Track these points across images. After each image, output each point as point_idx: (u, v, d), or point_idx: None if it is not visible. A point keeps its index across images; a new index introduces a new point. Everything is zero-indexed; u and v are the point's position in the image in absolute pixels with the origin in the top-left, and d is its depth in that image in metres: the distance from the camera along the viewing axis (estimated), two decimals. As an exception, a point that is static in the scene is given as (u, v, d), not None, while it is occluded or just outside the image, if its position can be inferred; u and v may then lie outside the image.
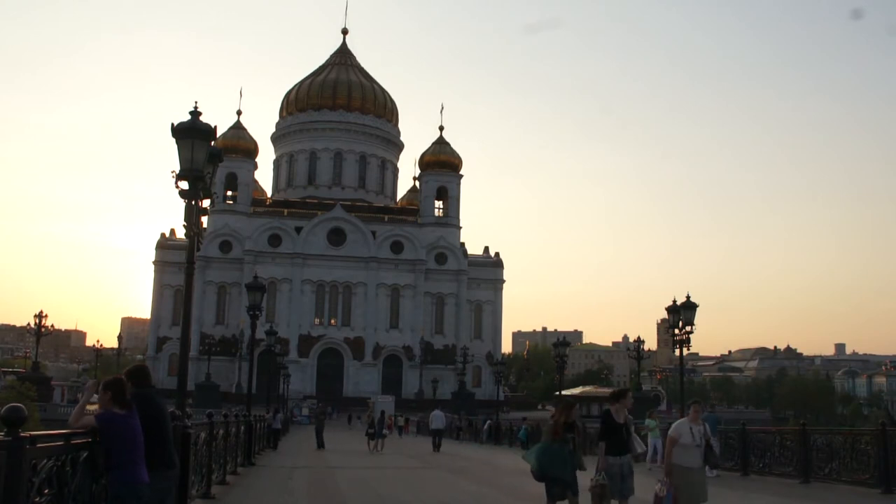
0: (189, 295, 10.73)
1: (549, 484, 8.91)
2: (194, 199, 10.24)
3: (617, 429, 8.85)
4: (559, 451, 8.85)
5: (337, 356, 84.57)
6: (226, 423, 14.73)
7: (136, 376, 6.32)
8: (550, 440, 8.98)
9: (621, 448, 8.83)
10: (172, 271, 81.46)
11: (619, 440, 8.82)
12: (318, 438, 29.18)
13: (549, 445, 8.97)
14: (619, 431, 8.85)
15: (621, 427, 8.87)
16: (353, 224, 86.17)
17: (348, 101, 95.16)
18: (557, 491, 8.84)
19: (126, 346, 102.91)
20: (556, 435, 8.95)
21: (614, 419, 8.91)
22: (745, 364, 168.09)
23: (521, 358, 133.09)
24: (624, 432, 8.86)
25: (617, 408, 9.01)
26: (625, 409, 9.07)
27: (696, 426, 8.89)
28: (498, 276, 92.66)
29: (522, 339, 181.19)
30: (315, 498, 14.20)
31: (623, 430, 8.86)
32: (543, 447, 9.03)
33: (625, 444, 8.86)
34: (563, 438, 8.90)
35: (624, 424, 8.89)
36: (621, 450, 8.82)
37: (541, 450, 9.05)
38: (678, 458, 8.73)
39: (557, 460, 8.82)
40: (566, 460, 8.83)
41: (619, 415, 8.99)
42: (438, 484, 17.31)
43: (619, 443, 8.82)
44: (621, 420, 8.93)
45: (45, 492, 4.76)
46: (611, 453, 8.76)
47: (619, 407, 9.01)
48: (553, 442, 8.93)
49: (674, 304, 24.25)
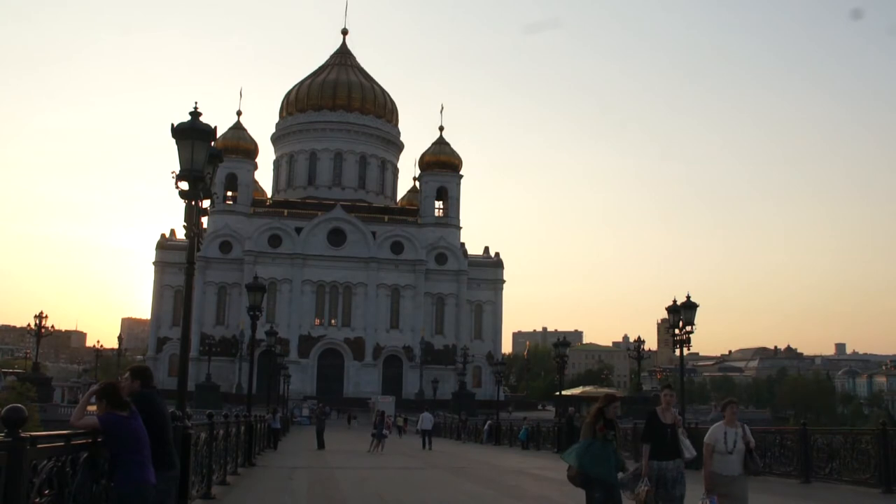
0: (189, 295, 10.73)
1: (591, 488, 7.92)
2: (194, 200, 10.24)
3: (663, 430, 8.05)
4: (603, 451, 7.88)
5: (337, 356, 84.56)
6: (226, 424, 14.73)
7: (143, 375, 6.36)
8: (591, 438, 7.96)
9: (668, 451, 8.00)
10: (173, 272, 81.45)
11: (666, 443, 8.01)
12: (318, 439, 29.18)
13: (590, 444, 7.94)
14: (665, 433, 8.03)
15: (667, 428, 8.06)
16: (353, 224, 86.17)
17: (348, 102, 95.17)
18: (600, 496, 7.81)
19: (126, 347, 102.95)
20: (600, 432, 7.94)
21: (660, 419, 8.15)
22: (746, 364, 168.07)
23: (521, 358, 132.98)
24: (671, 434, 8.05)
25: (663, 407, 8.26)
26: (671, 407, 8.31)
27: (731, 429, 8.02)
28: (498, 276, 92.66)
29: (522, 339, 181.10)
30: (315, 498, 14.20)
31: (669, 432, 8.05)
32: (585, 446, 8.00)
33: (673, 448, 8.03)
34: (605, 436, 7.94)
35: (671, 425, 8.10)
36: (668, 453, 8.00)
37: (582, 449, 8.01)
38: (716, 467, 7.94)
39: (601, 461, 7.84)
40: (610, 461, 7.90)
41: (665, 414, 8.19)
42: (439, 484, 17.31)
43: (666, 446, 8.00)
44: (668, 420, 8.13)
45: (46, 492, 4.76)
46: (657, 457, 7.99)
47: (666, 406, 8.26)
48: (595, 440, 7.93)
49: (674, 304, 24.28)
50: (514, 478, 18.73)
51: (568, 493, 15.25)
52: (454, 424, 51.03)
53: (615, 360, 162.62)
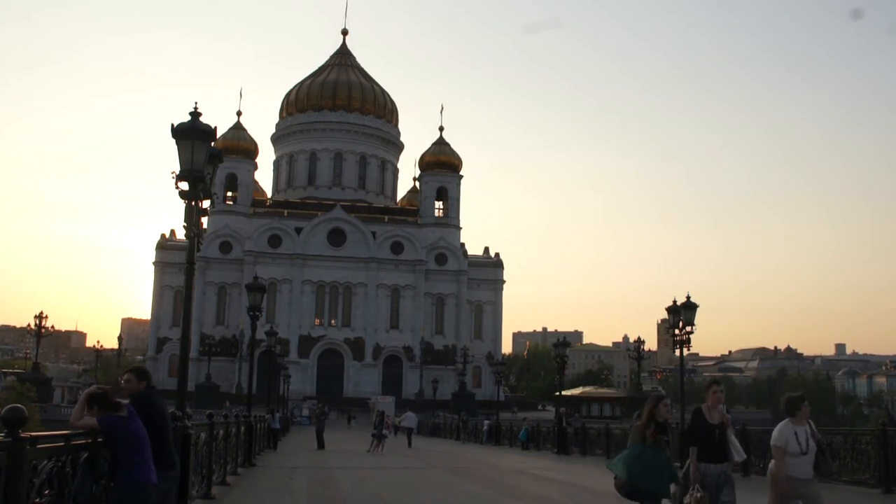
0: (189, 295, 10.73)
1: (640, 502, 7.22)
2: (194, 200, 10.24)
3: (710, 431, 7.29)
4: (654, 459, 7.09)
5: (337, 357, 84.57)
6: (226, 424, 14.72)
7: (146, 375, 6.40)
8: (642, 444, 7.19)
9: (716, 454, 7.27)
10: (172, 272, 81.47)
11: (713, 445, 7.26)
12: (318, 439, 29.17)
13: (641, 451, 7.17)
14: (712, 434, 7.28)
15: (715, 428, 7.30)
16: (353, 225, 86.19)
17: (348, 102, 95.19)
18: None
19: (126, 347, 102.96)
20: (651, 437, 7.14)
21: (706, 418, 7.36)
22: (746, 364, 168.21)
23: (521, 358, 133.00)
24: (718, 435, 7.30)
25: (709, 404, 7.47)
26: (719, 406, 7.50)
27: (801, 428, 7.18)
28: (498, 277, 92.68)
29: (522, 340, 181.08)
30: (315, 498, 14.19)
31: (717, 433, 7.30)
32: (635, 454, 7.20)
33: (721, 450, 7.30)
34: (657, 442, 7.14)
35: (719, 425, 7.34)
36: (716, 456, 7.26)
37: (631, 457, 7.21)
38: (789, 470, 7.13)
39: (653, 470, 7.07)
40: (663, 471, 7.12)
41: (712, 413, 7.39)
42: (439, 484, 17.31)
43: (714, 448, 7.26)
44: (716, 419, 7.35)
45: (46, 492, 4.76)
46: (704, 460, 7.22)
47: (713, 403, 7.46)
48: (646, 447, 7.15)
49: (674, 304, 24.31)
50: (514, 478, 18.73)
51: (568, 493, 15.27)
52: (454, 425, 51.00)
53: (615, 361, 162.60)
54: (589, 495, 15.05)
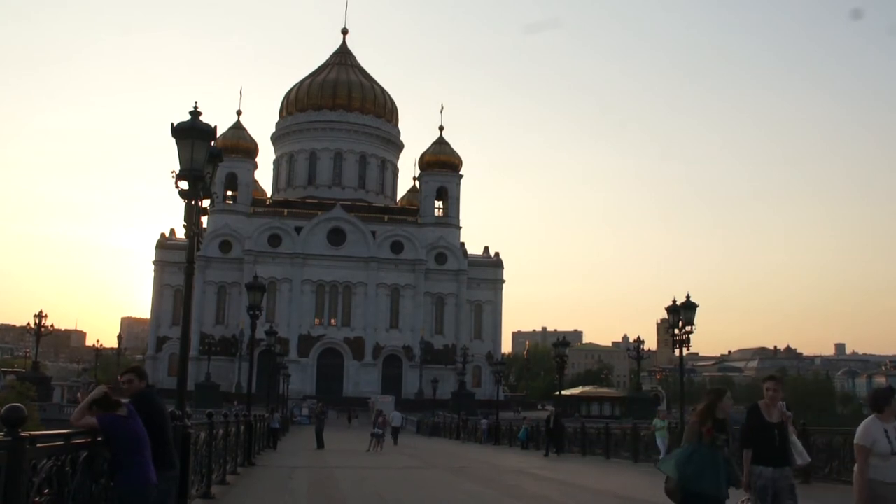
0: (189, 295, 10.73)
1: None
2: (194, 199, 10.23)
3: (768, 430, 6.67)
4: (711, 459, 6.29)
5: (337, 356, 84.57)
6: (226, 423, 14.72)
7: (144, 374, 6.40)
8: (697, 443, 6.40)
9: (775, 456, 6.61)
10: (172, 271, 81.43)
11: (772, 446, 6.63)
12: (318, 439, 29.19)
13: (695, 451, 6.37)
14: (771, 434, 6.66)
15: (774, 428, 6.69)
16: (352, 224, 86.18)
17: (348, 101, 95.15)
18: None
19: (126, 346, 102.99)
20: (707, 436, 6.34)
21: (764, 417, 6.72)
22: (745, 364, 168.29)
23: (521, 358, 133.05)
24: (778, 435, 6.69)
25: (767, 401, 6.81)
26: (777, 403, 6.83)
27: (891, 426, 6.20)
28: (498, 276, 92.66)
29: (522, 339, 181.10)
30: (315, 498, 14.20)
31: (776, 433, 6.69)
32: (688, 453, 6.42)
33: (780, 452, 6.66)
34: (714, 441, 6.34)
35: (779, 424, 6.73)
36: (776, 459, 6.60)
37: (684, 457, 6.42)
38: (875, 473, 6.08)
39: (709, 472, 6.25)
40: (720, 472, 6.29)
41: (770, 411, 6.75)
42: (439, 484, 17.32)
43: (773, 449, 6.61)
44: (775, 418, 6.74)
45: (45, 492, 4.76)
46: (761, 462, 6.60)
47: (770, 400, 6.80)
48: (701, 446, 6.36)
49: (674, 304, 24.30)
50: (513, 477, 18.74)
51: (568, 493, 15.28)
52: (454, 424, 51.01)
53: (615, 360, 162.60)
54: (589, 495, 15.06)
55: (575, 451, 28.18)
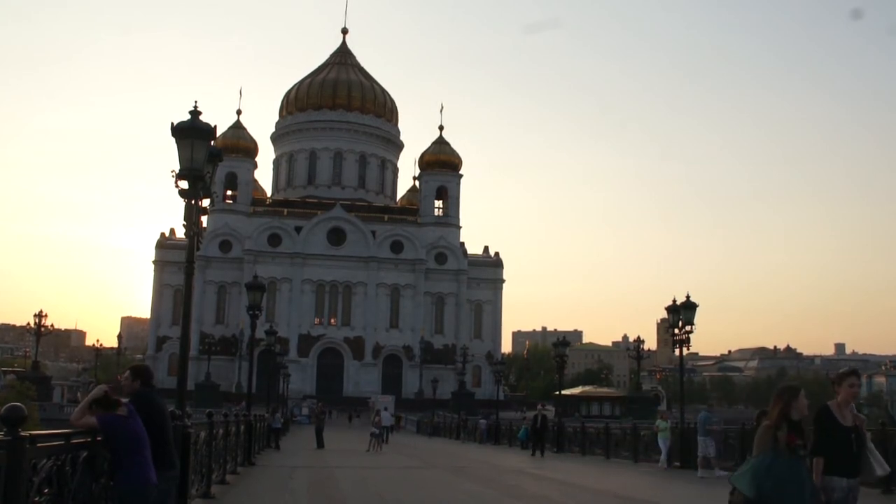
0: (189, 294, 10.72)
1: None
2: (194, 199, 10.22)
3: (843, 435, 5.62)
4: (791, 472, 5.32)
5: (337, 356, 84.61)
6: (226, 423, 14.71)
7: (143, 375, 6.35)
8: (774, 453, 5.37)
9: (851, 465, 5.60)
10: (172, 271, 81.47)
11: (848, 453, 5.60)
12: (318, 438, 29.19)
13: (773, 462, 5.35)
14: (846, 439, 5.62)
15: (849, 432, 5.66)
16: (352, 224, 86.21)
17: (348, 101, 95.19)
18: None
19: (126, 346, 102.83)
20: (787, 442, 5.34)
21: (838, 419, 5.68)
22: (745, 364, 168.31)
23: (521, 358, 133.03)
24: (854, 441, 5.66)
25: (840, 401, 5.78)
26: (851, 404, 5.80)
27: None
28: (498, 276, 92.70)
29: (522, 339, 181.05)
30: (315, 498, 14.19)
31: (852, 438, 5.66)
32: (765, 465, 5.37)
33: (855, 461, 5.63)
34: (794, 450, 5.35)
35: (854, 428, 5.70)
36: (850, 468, 5.60)
37: (761, 469, 5.37)
38: None
39: (791, 487, 5.28)
40: (803, 487, 5.32)
41: (843, 413, 5.70)
42: (439, 483, 17.31)
43: (849, 457, 5.60)
44: (848, 421, 5.70)
45: (45, 491, 4.75)
46: (835, 472, 5.54)
47: (844, 400, 5.78)
48: (778, 456, 5.35)
49: (674, 303, 24.26)
50: (513, 477, 18.73)
51: (568, 493, 15.28)
52: (454, 424, 51.02)
53: (615, 360, 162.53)
54: (589, 495, 15.06)
55: (575, 451, 28.18)
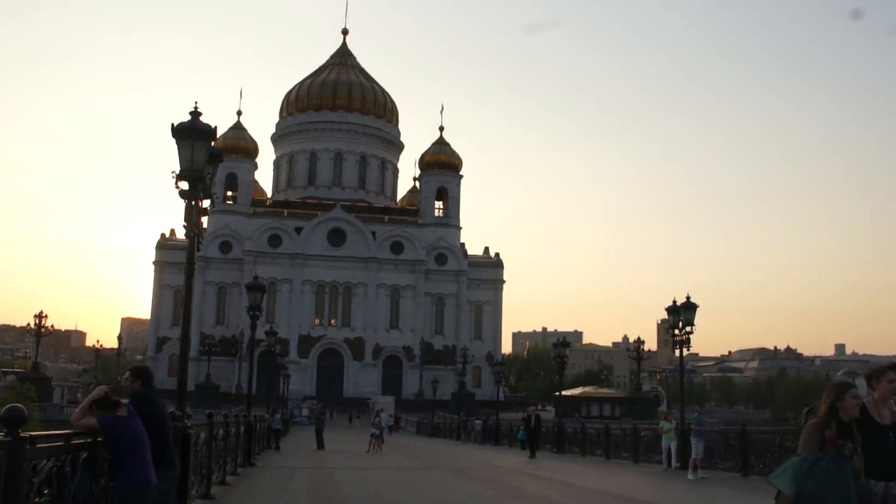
0: (189, 295, 10.72)
1: None
2: (194, 200, 10.22)
3: (881, 434, 5.14)
4: (837, 473, 4.98)
5: (337, 357, 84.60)
6: (226, 424, 14.71)
7: (143, 375, 6.35)
8: (818, 453, 5.05)
9: (888, 467, 5.09)
10: (172, 271, 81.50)
11: (886, 454, 5.10)
12: (318, 439, 29.20)
13: (816, 462, 5.04)
14: (885, 439, 5.14)
15: (888, 431, 5.16)
16: (353, 224, 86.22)
17: (348, 102, 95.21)
18: None
19: (126, 347, 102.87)
20: (831, 443, 5.03)
21: (875, 418, 5.19)
22: (745, 364, 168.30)
23: (521, 358, 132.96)
24: (893, 441, 5.14)
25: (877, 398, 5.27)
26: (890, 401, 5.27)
27: None
28: (498, 277, 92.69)
29: (522, 340, 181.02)
30: (315, 499, 14.20)
31: (891, 438, 5.15)
32: (808, 464, 5.07)
33: (893, 462, 5.11)
34: (840, 450, 5.02)
35: (892, 426, 5.19)
36: (889, 470, 5.09)
37: (804, 469, 5.06)
38: None
39: (835, 488, 4.94)
40: (849, 488, 4.95)
41: (880, 411, 5.22)
42: (439, 484, 17.31)
43: (886, 458, 5.10)
44: (886, 419, 5.20)
45: (45, 492, 4.75)
46: (872, 475, 5.08)
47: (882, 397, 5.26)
48: (823, 455, 5.03)
49: (674, 304, 24.24)
50: (513, 478, 18.73)
51: (568, 494, 15.27)
52: (454, 425, 51.02)
53: (615, 361, 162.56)
54: (589, 496, 15.05)
55: (575, 452, 28.17)
